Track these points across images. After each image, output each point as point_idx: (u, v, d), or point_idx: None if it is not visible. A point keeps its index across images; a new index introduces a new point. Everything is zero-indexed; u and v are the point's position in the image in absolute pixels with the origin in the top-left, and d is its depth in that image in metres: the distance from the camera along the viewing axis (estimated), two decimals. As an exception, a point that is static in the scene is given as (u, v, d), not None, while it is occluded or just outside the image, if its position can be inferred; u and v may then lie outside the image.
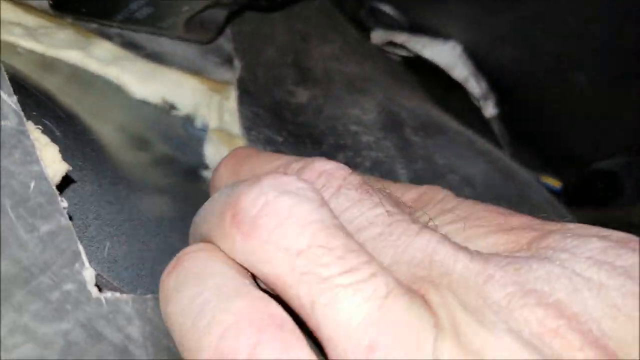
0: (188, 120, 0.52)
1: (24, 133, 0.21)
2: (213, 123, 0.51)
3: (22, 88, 0.33)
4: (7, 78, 0.22)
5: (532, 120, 0.69)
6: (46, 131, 0.31)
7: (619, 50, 0.56)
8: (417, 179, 0.45)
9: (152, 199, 0.39)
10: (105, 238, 0.29)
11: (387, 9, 0.64)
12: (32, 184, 0.20)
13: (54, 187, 0.22)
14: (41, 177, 0.21)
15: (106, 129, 0.43)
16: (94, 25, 0.45)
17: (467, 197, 0.45)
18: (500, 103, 0.68)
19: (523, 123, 0.70)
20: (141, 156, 0.44)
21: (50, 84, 0.42)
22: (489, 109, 0.68)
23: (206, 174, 0.47)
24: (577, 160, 0.70)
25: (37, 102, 0.33)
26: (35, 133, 0.22)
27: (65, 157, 0.30)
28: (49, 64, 0.45)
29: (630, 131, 0.66)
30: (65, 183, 0.25)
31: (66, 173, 0.24)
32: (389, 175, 0.45)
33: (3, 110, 0.21)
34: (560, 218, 0.56)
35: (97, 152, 0.35)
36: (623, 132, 0.66)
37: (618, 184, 0.66)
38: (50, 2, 0.37)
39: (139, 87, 0.49)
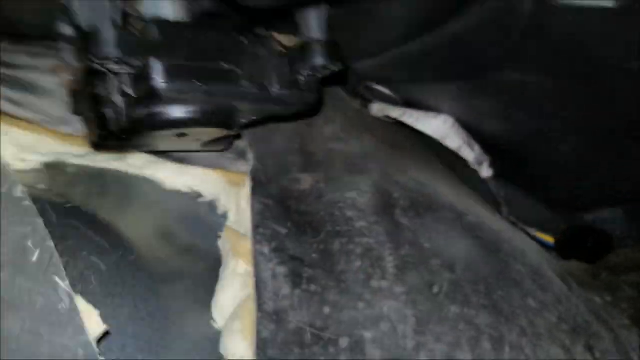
0: (211, 206, 0.61)
1: (75, 310, 0.30)
2: (232, 212, 0.60)
3: (74, 227, 0.43)
4: (61, 265, 0.31)
5: (523, 180, 0.75)
6: (95, 269, 0.41)
7: (596, 126, 0.61)
8: (403, 265, 0.52)
9: (177, 295, 0.49)
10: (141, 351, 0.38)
11: (380, 88, 0.71)
12: (80, 352, 0.29)
13: (96, 348, 0.31)
14: (87, 345, 0.30)
15: (139, 233, 0.52)
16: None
17: (443, 283, 0.53)
18: (494, 164, 0.74)
19: (516, 182, 0.75)
20: (170, 249, 0.54)
21: (95, 200, 0.52)
22: (484, 171, 0.74)
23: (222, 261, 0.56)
24: (567, 215, 0.75)
25: (85, 237, 0.43)
26: (82, 305, 0.32)
27: (110, 288, 0.40)
28: (97, 173, 0.55)
29: (617, 186, 0.71)
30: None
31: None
32: (377, 262, 0.52)
33: (60, 294, 0.30)
34: (546, 278, 0.62)
35: (133, 273, 0.44)
36: (610, 187, 0.71)
37: (607, 241, 0.71)
38: (91, 145, 0.47)
39: (171, 180, 0.59)
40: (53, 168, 0.52)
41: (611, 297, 0.65)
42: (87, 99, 0.45)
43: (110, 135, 0.44)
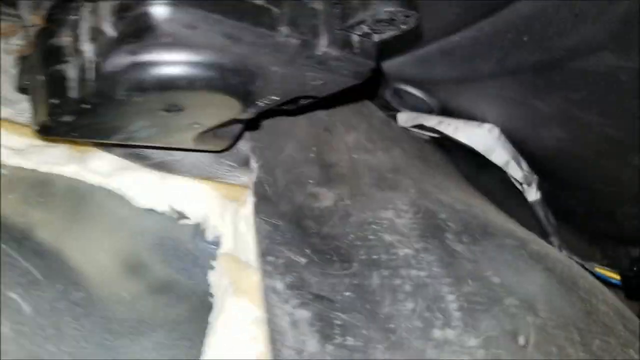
0: (198, 231, 0.46)
1: None
2: (227, 237, 0.45)
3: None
4: None
5: (581, 203, 0.62)
6: (11, 311, 0.25)
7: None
8: (471, 307, 0.37)
9: (147, 353, 0.33)
10: None
11: (413, 90, 0.59)
12: None
13: None
14: None
15: (95, 262, 0.37)
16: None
17: (529, 331, 0.38)
18: (543, 185, 0.62)
19: (571, 206, 0.63)
20: (137, 287, 0.38)
21: (35, 213, 0.36)
22: (532, 193, 0.61)
23: (213, 301, 0.40)
24: (632, 247, 0.62)
25: (6, 263, 0.27)
26: None
27: (37, 346, 0.24)
28: (40, 181, 0.40)
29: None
30: None
31: None
32: (436, 303, 0.38)
33: None
34: (633, 322, 0.48)
35: (78, 320, 0.28)
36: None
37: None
38: (37, 128, 0.32)
39: (144, 196, 0.44)
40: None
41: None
42: (41, 59, 0.30)
43: (67, 110, 0.29)
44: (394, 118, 0.62)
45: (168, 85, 0.28)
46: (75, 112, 0.29)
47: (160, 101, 0.29)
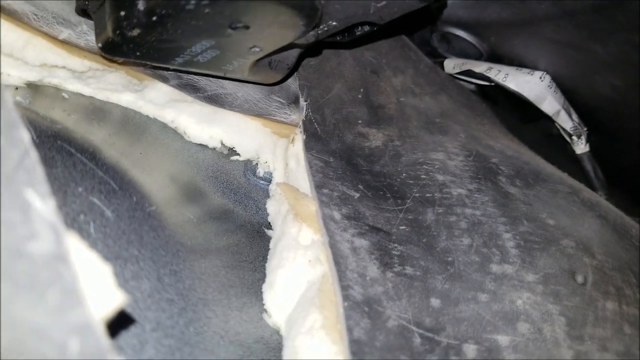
0: (249, 166, 0.46)
1: (64, 259, 0.15)
2: (278, 172, 0.45)
3: (67, 152, 0.28)
4: (44, 177, 0.15)
5: (630, 158, 0.60)
6: (95, 214, 0.25)
7: None
8: (526, 246, 0.37)
9: (215, 273, 0.33)
10: (167, 353, 0.23)
11: (462, 33, 0.57)
12: (73, 344, 0.13)
13: (105, 338, 0.15)
14: (85, 330, 0.14)
15: (160, 184, 0.37)
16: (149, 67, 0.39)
17: (586, 271, 0.38)
18: (592, 138, 0.60)
19: (622, 160, 0.61)
20: (200, 211, 0.38)
21: (99, 133, 0.36)
22: (581, 145, 0.59)
23: (270, 233, 0.40)
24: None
25: (83, 171, 0.27)
26: (81, 252, 0.16)
27: (121, 249, 0.24)
28: (99, 108, 0.40)
29: None
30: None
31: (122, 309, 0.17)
32: (492, 240, 0.37)
33: (34, 224, 0.14)
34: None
35: (155, 230, 0.28)
36: None
37: None
38: (100, 45, 0.32)
39: (196, 130, 0.44)
40: (40, 90, 0.37)
41: None
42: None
43: (134, 23, 0.28)
44: (441, 65, 0.61)
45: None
46: (142, 25, 0.29)
47: (229, 13, 0.29)
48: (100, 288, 0.15)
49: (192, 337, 0.25)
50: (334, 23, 0.34)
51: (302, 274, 0.32)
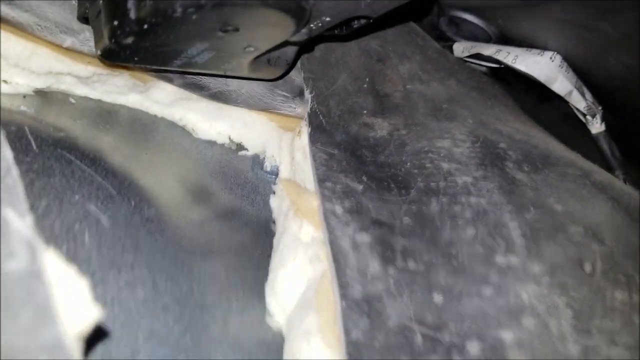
0: (257, 161, 0.47)
1: (39, 277, 0.15)
2: (284, 165, 0.45)
3: (66, 160, 0.28)
4: (21, 195, 0.16)
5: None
6: (90, 222, 0.26)
7: None
8: (534, 234, 0.37)
9: (216, 273, 0.34)
10: None
11: (470, 17, 0.56)
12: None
13: (79, 353, 0.15)
14: (57, 349, 0.15)
15: (164, 184, 0.38)
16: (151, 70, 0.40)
17: (595, 259, 0.37)
18: (608, 117, 0.58)
19: (636, 141, 0.59)
20: (205, 211, 0.39)
21: (104, 137, 0.37)
22: (596, 125, 0.58)
23: (274, 228, 0.41)
24: None
25: (82, 178, 0.28)
26: (58, 267, 0.16)
27: (115, 256, 0.25)
28: (106, 110, 0.41)
29: None
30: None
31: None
32: (497, 229, 0.37)
33: (10, 244, 0.15)
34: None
35: (153, 234, 0.29)
36: None
37: None
38: (99, 53, 0.32)
39: (204, 127, 0.45)
40: (48, 97, 0.38)
41: None
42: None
43: (127, 32, 0.29)
44: (450, 49, 0.60)
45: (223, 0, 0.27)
46: (135, 33, 0.29)
47: (216, 19, 0.29)
48: (77, 304, 0.16)
49: (188, 345, 0.25)
50: (328, 19, 0.34)
51: (302, 273, 0.33)
